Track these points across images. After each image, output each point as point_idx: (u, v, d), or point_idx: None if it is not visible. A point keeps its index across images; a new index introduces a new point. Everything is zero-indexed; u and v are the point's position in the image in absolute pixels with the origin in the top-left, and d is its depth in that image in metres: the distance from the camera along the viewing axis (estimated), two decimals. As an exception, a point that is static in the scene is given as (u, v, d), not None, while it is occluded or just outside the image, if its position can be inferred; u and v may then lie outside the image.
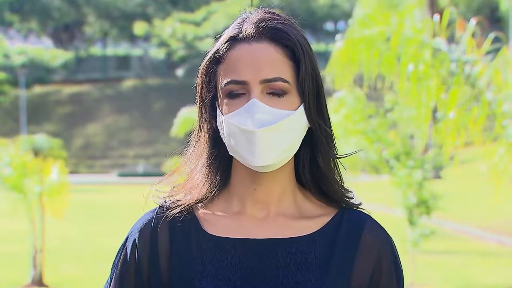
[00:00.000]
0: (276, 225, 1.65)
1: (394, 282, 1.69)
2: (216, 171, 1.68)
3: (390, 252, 1.69)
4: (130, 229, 1.70)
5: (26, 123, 49.94)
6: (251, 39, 1.62)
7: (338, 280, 1.62)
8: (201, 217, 1.67)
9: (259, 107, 1.57)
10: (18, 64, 53.67)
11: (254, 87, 1.58)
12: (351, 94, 11.14)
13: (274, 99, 1.59)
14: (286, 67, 1.61)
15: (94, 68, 60.54)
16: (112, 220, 20.10)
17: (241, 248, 1.62)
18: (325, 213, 1.69)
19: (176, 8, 59.48)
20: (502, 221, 17.76)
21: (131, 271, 1.67)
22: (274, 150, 1.58)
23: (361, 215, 1.71)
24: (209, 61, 1.65)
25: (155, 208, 1.70)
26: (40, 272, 11.09)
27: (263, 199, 1.65)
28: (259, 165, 1.59)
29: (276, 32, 1.62)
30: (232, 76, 1.60)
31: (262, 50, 1.61)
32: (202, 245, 1.63)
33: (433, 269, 12.36)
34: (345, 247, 1.65)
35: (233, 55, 1.61)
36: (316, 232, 1.65)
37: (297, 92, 1.62)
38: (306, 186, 1.69)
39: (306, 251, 1.63)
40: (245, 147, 1.58)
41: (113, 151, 51.29)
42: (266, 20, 1.64)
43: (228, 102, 1.61)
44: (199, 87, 1.68)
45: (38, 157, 13.46)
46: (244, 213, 1.66)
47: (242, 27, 1.64)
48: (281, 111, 1.58)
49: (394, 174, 10.98)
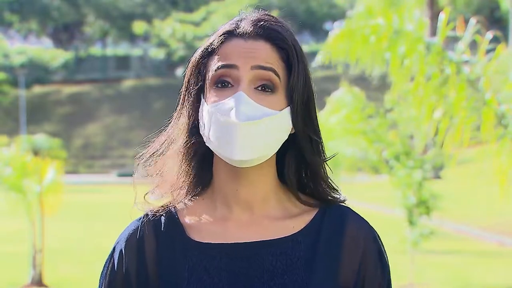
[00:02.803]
0: (261, 227, 1.65)
1: (379, 272, 1.68)
2: (196, 167, 1.67)
3: (374, 243, 1.69)
4: (117, 239, 1.70)
5: (25, 123, 49.95)
6: (247, 37, 1.61)
7: (326, 278, 1.62)
8: (186, 224, 1.67)
9: (245, 100, 1.56)
10: (17, 64, 53.68)
11: (244, 74, 1.58)
12: (350, 94, 11.14)
13: (262, 95, 1.58)
14: (279, 66, 1.61)
15: (94, 68, 60.55)
16: (112, 220, 20.08)
17: (227, 253, 1.62)
18: (308, 211, 1.68)
19: (175, 8, 59.49)
20: (502, 221, 17.77)
21: (120, 281, 1.67)
22: (253, 146, 1.57)
23: (342, 209, 1.70)
24: (201, 53, 1.65)
25: (141, 217, 1.70)
26: (40, 272, 11.08)
27: (246, 199, 1.65)
28: (236, 158, 1.57)
29: (273, 33, 1.62)
30: (223, 61, 1.60)
31: (258, 47, 1.60)
32: (188, 252, 1.63)
33: (433, 269, 12.36)
34: (329, 243, 1.65)
35: (227, 48, 1.61)
36: (299, 232, 1.65)
37: (285, 94, 1.61)
38: (289, 186, 1.69)
39: (290, 252, 1.63)
40: (224, 139, 1.57)
41: (113, 151, 51.29)
42: (264, 20, 1.63)
43: (215, 92, 1.60)
44: (187, 77, 1.67)
45: (37, 157, 13.45)
46: (229, 216, 1.65)
47: (240, 24, 1.63)
48: (266, 109, 1.58)
49: (393, 174, 10.97)
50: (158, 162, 1.70)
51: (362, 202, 21.00)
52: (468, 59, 6.31)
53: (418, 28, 6.51)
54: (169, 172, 1.69)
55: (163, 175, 1.70)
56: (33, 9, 59.20)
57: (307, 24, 57.70)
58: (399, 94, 7.11)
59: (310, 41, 57.26)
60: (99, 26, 61.51)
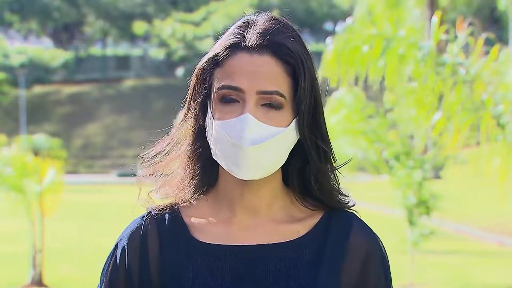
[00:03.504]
0: (266, 231, 1.65)
1: (382, 281, 1.69)
2: (201, 169, 1.67)
3: (377, 251, 1.69)
4: (119, 236, 1.69)
5: (25, 123, 49.92)
6: (253, 50, 1.59)
7: (329, 283, 1.62)
8: (189, 223, 1.67)
9: (252, 123, 1.55)
10: (17, 64, 53.64)
11: (249, 97, 1.57)
12: (350, 94, 11.14)
13: (269, 112, 1.58)
14: (284, 83, 1.59)
15: (94, 68, 60.50)
16: (112, 220, 20.07)
17: (231, 255, 1.61)
18: (313, 215, 1.68)
19: (175, 8, 59.46)
20: (502, 221, 17.77)
21: (121, 278, 1.66)
22: (261, 166, 1.57)
23: (348, 215, 1.70)
24: (207, 62, 1.63)
25: (144, 214, 1.69)
26: (40, 272, 11.08)
27: (251, 204, 1.64)
28: (244, 179, 1.58)
29: (279, 47, 1.59)
30: (228, 81, 1.58)
31: (263, 63, 1.58)
32: (192, 252, 1.63)
33: (433, 269, 12.36)
34: (333, 249, 1.65)
35: (233, 62, 1.59)
36: (304, 236, 1.65)
37: (292, 108, 1.60)
38: (294, 191, 1.68)
39: (295, 256, 1.63)
40: (232, 160, 1.57)
41: (113, 151, 51.27)
42: (271, 33, 1.60)
43: (221, 107, 1.59)
44: (192, 84, 1.66)
45: (37, 157, 13.45)
46: (233, 219, 1.65)
47: (246, 35, 1.61)
48: (273, 128, 1.57)
49: (393, 174, 10.97)
50: (162, 162, 1.69)
51: (362, 202, 21.03)
52: (462, 62, 6.31)
53: (412, 33, 6.51)
54: (174, 173, 1.69)
55: (167, 175, 1.69)
56: (33, 9, 59.17)
57: (307, 24, 57.67)
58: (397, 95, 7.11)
59: (310, 41, 57.29)
60: (99, 26, 61.48)
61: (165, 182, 1.70)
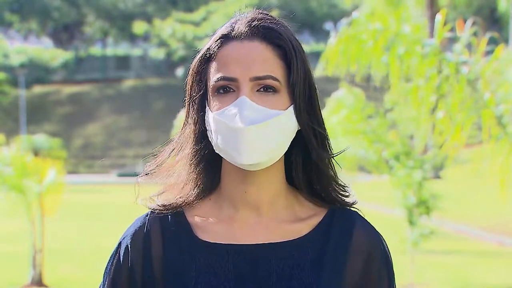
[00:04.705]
0: (269, 230, 1.65)
1: (385, 280, 1.69)
2: (204, 172, 1.67)
3: (380, 250, 1.69)
4: (123, 235, 1.69)
5: (25, 123, 49.93)
6: (243, 37, 1.61)
7: (331, 282, 1.62)
8: (193, 222, 1.67)
9: (248, 104, 1.56)
10: (17, 64, 53.65)
11: (244, 84, 1.58)
12: (350, 94, 11.14)
13: (265, 96, 1.59)
14: (277, 66, 1.60)
15: (94, 68, 60.51)
16: (112, 220, 20.07)
17: (235, 255, 1.61)
18: (316, 214, 1.68)
19: (175, 8, 59.47)
20: (502, 221, 17.77)
21: (124, 277, 1.66)
22: (261, 149, 1.57)
23: (351, 214, 1.71)
24: (200, 59, 1.64)
25: (147, 213, 1.69)
26: (40, 272, 11.08)
27: (254, 201, 1.64)
28: (245, 163, 1.58)
29: (269, 32, 1.62)
30: (222, 72, 1.59)
31: (253, 48, 1.60)
32: (195, 251, 1.63)
33: (433, 269, 12.36)
34: (336, 248, 1.65)
35: (224, 53, 1.61)
36: (307, 235, 1.65)
37: (287, 93, 1.61)
38: (298, 187, 1.68)
39: (298, 255, 1.63)
40: (232, 145, 1.57)
41: (113, 151, 51.27)
42: (259, 20, 1.63)
43: (218, 98, 1.60)
44: (189, 85, 1.67)
45: (37, 157, 13.45)
46: (235, 217, 1.65)
47: (235, 26, 1.63)
48: (270, 110, 1.58)
49: (393, 174, 10.97)
50: (165, 166, 1.70)
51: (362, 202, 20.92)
52: (466, 60, 6.31)
53: (416, 30, 6.51)
54: (176, 177, 1.69)
55: (171, 180, 1.70)
56: (33, 9, 59.18)
57: (307, 24, 57.66)
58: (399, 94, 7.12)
59: (310, 41, 57.25)
60: (99, 26, 61.48)
61: (167, 187, 1.70)
